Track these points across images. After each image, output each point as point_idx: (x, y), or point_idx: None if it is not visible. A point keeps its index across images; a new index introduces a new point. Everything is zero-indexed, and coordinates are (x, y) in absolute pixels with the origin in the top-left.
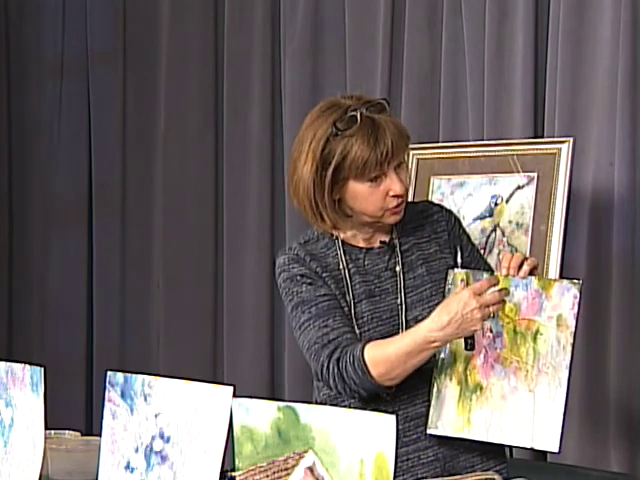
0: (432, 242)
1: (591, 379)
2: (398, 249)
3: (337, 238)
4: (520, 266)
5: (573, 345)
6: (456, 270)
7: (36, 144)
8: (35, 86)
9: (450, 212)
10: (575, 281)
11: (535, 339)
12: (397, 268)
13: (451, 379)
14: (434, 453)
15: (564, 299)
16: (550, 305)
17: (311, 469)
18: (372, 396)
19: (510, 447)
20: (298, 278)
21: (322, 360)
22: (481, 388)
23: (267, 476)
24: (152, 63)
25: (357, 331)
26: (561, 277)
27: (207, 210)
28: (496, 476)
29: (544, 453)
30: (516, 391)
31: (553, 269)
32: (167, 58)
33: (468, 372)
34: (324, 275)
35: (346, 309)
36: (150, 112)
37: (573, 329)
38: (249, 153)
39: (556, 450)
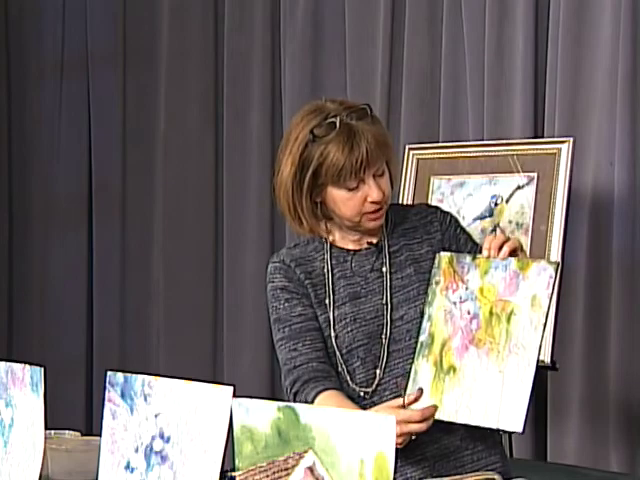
0: (424, 243)
1: (591, 379)
2: (386, 250)
3: (326, 241)
4: (501, 247)
5: (545, 325)
6: (442, 253)
7: (36, 144)
8: (35, 86)
9: (446, 213)
10: (552, 261)
11: (509, 320)
12: (384, 269)
13: (427, 360)
14: (422, 453)
15: (540, 279)
16: (526, 285)
17: (311, 469)
18: (355, 395)
19: (510, 447)
20: (278, 292)
21: (286, 385)
22: (454, 370)
23: (267, 476)
24: (152, 63)
25: (333, 334)
26: (560, 278)
27: (207, 210)
28: (496, 476)
29: (544, 453)
30: (487, 372)
31: None
32: (167, 58)
33: (444, 354)
34: (306, 282)
35: (323, 317)
36: (150, 112)
37: (546, 309)
38: (249, 153)
39: (520, 431)
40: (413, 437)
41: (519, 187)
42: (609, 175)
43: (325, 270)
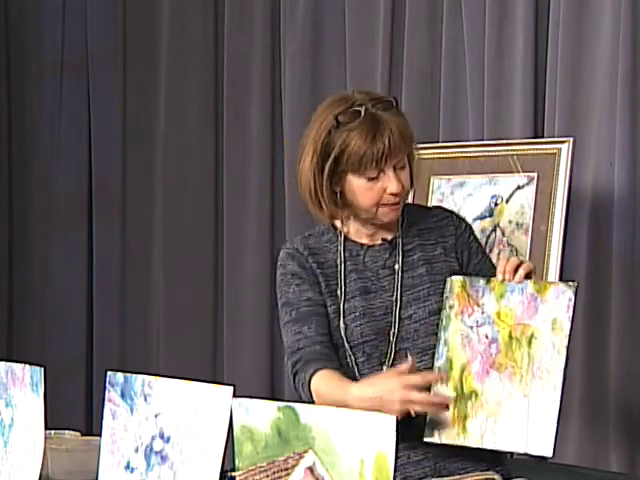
0: (438, 245)
1: (591, 379)
2: (400, 248)
3: (340, 233)
4: (516, 270)
5: (568, 348)
6: (453, 277)
7: (36, 144)
8: (35, 86)
9: (461, 219)
10: (570, 283)
11: (530, 343)
12: (396, 266)
13: (447, 386)
14: (424, 452)
15: (559, 302)
16: (545, 308)
17: (311, 469)
18: None
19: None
20: (289, 277)
21: (288, 366)
22: (476, 394)
23: (267, 476)
24: (152, 63)
25: (342, 326)
26: (560, 279)
27: (207, 210)
28: (496, 476)
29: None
30: (511, 396)
31: (553, 269)
32: (167, 58)
33: (464, 379)
34: (318, 271)
35: (333, 307)
36: (150, 112)
37: (567, 332)
38: (249, 153)
39: (550, 455)
40: (412, 414)
41: (519, 187)
42: (609, 175)
43: (337, 262)
